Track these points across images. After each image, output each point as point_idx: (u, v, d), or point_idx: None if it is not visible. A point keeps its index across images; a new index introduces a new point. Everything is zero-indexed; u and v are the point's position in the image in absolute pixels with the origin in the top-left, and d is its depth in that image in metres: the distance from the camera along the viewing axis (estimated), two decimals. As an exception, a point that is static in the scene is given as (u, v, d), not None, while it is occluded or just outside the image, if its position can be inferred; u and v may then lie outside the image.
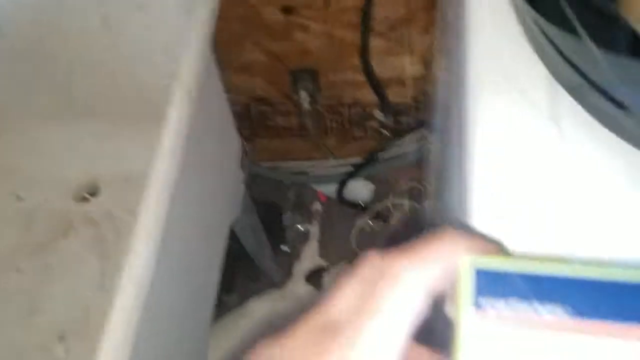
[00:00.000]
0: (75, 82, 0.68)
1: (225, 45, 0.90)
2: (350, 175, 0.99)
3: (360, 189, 1.09)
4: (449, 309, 0.22)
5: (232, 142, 0.76)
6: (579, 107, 0.31)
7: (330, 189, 1.15)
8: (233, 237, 0.88)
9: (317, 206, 1.17)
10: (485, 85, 0.34)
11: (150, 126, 0.74)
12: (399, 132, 0.97)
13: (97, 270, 0.68)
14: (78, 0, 0.60)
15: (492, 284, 0.22)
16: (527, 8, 0.33)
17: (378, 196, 1.13)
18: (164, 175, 0.47)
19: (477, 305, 0.21)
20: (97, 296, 0.70)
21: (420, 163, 1.08)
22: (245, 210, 0.82)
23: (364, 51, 0.59)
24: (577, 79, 0.30)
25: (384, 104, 0.78)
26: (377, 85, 0.73)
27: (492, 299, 0.21)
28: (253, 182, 1.10)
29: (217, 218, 0.75)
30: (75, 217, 0.74)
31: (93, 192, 0.76)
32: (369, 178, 1.08)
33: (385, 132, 0.85)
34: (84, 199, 0.76)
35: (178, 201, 0.50)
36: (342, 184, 1.01)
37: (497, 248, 0.24)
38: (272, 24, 0.87)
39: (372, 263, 0.22)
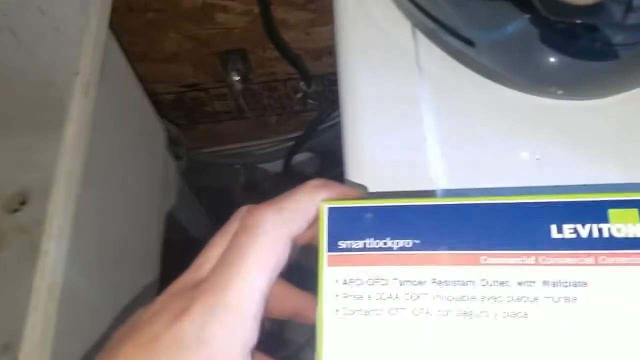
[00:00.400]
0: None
1: (146, 36, 0.88)
2: (293, 150, 0.99)
3: (306, 163, 1.09)
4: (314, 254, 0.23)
5: (156, 132, 0.75)
6: (437, 48, 0.31)
7: (278, 166, 1.15)
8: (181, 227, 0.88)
9: (267, 185, 1.17)
10: (358, 48, 0.34)
11: (51, 128, 0.73)
12: (334, 102, 0.97)
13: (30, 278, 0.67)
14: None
15: (347, 226, 0.22)
16: None
17: (326, 168, 1.13)
18: (69, 170, 0.46)
19: (334, 246, 0.22)
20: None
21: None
22: (184, 198, 0.82)
23: (268, 25, 0.58)
24: (430, 23, 0.30)
25: (304, 75, 0.78)
26: (292, 57, 0.73)
27: (348, 241, 0.22)
28: (199, 169, 1.09)
29: (146, 208, 0.74)
30: (7, 228, 0.73)
31: (23, 201, 0.75)
32: (313, 151, 1.08)
33: (312, 102, 0.84)
34: (15, 210, 0.74)
35: (91, 194, 0.50)
36: (287, 159, 1.01)
37: (362, 193, 0.25)
38: (190, 10, 0.85)
39: (239, 216, 0.23)
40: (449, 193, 0.27)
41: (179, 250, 0.87)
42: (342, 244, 0.22)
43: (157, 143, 0.75)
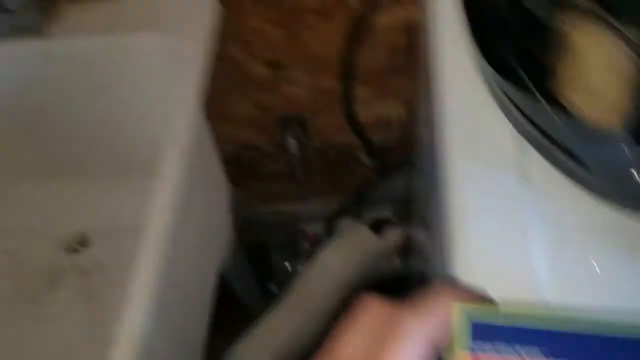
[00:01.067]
0: (63, 140, 0.70)
1: (213, 98, 0.93)
2: (337, 214, 1.01)
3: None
4: (446, 355, 0.25)
5: (222, 190, 0.78)
6: (546, 162, 0.33)
7: (319, 229, 1.17)
8: (221, 279, 0.89)
9: (305, 245, 1.18)
10: (458, 146, 0.36)
11: (137, 180, 0.77)
12: (384, 172, 0.99)
13: (86, 321, 0.69)
14: (68, 66, 0.62)
15: (481, 330, 0.24)
16: (491, 72, 0.35)
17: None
18: (160, 230, 0.49)
19: (470, 349, 0.24)
20: (87, 346, 0.70)
21: (406, 202, 1.11)
22: (234, 253, 0.84)
23: (346, 100, 0.62)
24: (541, 138, 0.32)
25: (369, 148, 0.81)
26: (360, 131, 0.76)
27: (481, 343, 0.24)
28: (242, 225, 1.12)
29: (207, 263, 0.76)
30: (66, 267, 0.75)
31: (83, 243, 0.77)
32: (357, 217, 1.10)
33: (370, 174, 0.87)
34: (74, 250, 0.77)
35: (171, 252, 0.52)
36: (330, 222, 1.03)
37: (483, 297, 0.26)
38: (257, 77, 0.90)
39: (375, 312, 0.24)
40: (571, 311, 0.28)
41: (221, 304, 0.88)
42: (475, 345, 0.23)
43: (222, 200, 0.78)
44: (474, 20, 0.34)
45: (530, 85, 0.31)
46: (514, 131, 0.36)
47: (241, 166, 1.10)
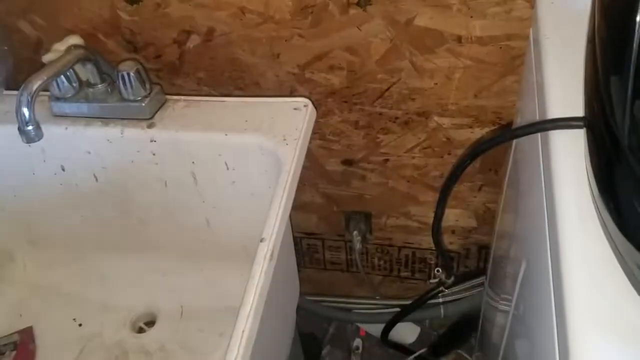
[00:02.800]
0: (151, 223, 0.74)
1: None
2: (398, 318, 0.99)
3: (405, 331, 1.08)
4: None
5: (295, 278, 0.79)
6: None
7: (372, 326, 1.15)
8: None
9: (357, 342, 1.16)
10: (586, 321, 0.33)
11: (211, 264, 0.79)
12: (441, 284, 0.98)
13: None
14: (170, 154, 0.66)
15: None
16: (628, 247, 0.33)
17: (423, 339, 1.12)
18: (247, 335, 0.49)
19: None
20: None
21: (468, 312, 1.08)
22: (293, 342, 0.83)
23: (437, 225, 0.63)
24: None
25: (447, 268, 0.81)
26: (444, 253, 0.76)
27: None
28: (296, 312, 1.11)
29: (278, 352, 0.75)
30: (130, 347, 0.76)
31: (150, 322, 0.79)
32: (415, 320, 1.08)
33: (442, 287, 0.86)
34: (140, 330, 0.78)
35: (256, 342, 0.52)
36: (389, 325, 1.01)
37: None
38: (331, 172, 0.93)
39: None
40: None
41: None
42: None
43: (294, 293, 0.79)
44: (606, 180, 0.34)
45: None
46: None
47: (301, 252, 1.11)
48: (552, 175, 0.39)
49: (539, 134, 0.44)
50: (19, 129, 0.55)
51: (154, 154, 0.65)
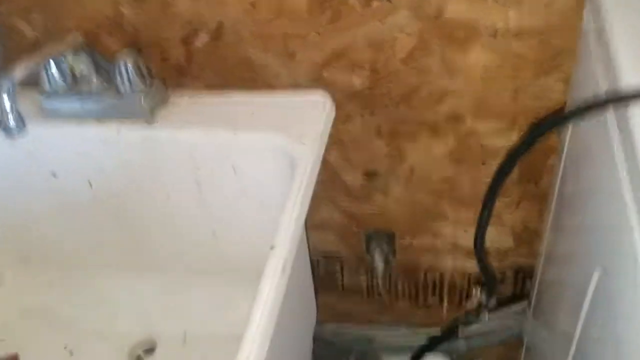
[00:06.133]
0: (152, 236, 0.66)
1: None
2: (426, 349, 0.89)
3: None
4: None
5: (311, 304, 0.70)
6: None
7: (396, 358, 1.04)
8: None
9: (379, 376, 1.06)
10: None
11: (218, 283, 0.70)
12: (479, 307, 0.88)
13: None
14: (170, 155, 0.59)
15: None
16: None
17: (450, 374, 1.01)
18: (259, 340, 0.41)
19: None
20: None
21: (506, 344, 0.97)
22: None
23: (481, 231, 0.54)
24: None
25: (491, 290, 0.71)
26: (488, 268, 0.67)
27: None
28: (314, 341, 1.01)
29: None
30: (126, 378, 0.68)
31: (149, 350, 0.70)
32: (445, 352, 0.97)
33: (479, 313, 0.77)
34: (138, 359, 0.70)
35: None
36: (415, 357, 0.91)
37: None
38: (350, 186, 0.85)
39: None
40: None
41: None
42: None
43: (309, 317, 0.70)
44: None
45: None
46: None
47: (318, 275, 1.03)
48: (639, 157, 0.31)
49: (611, 114, 0.36)
50: (-3, 121, 0.48)
51: (153, 157, 0.58)
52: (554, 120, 0.39)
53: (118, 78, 0.56)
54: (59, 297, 0.73)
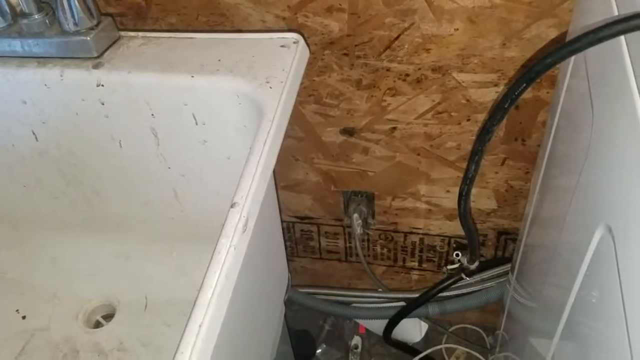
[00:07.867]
0: (108, 195, 0.60)
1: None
2: (402, 314, 0.86)
3: (410, 328, 0.95)
4: None
5: (281, 268, 0.65)
6: None
7: (373, 323, 1.02)
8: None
9: (355, 340, 1.03)
10: None
11: (180, 246, 0.65)
12: (462, 270, 0.85)
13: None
14: (122, 102, 0.52)
15: None
16: None
17: (430, 337, 0.99)
18: (207, 330, 0.36)
19: None
20: None
21: (486, 309, 0.95)
22: (281, 339, 0.70)
23: (466, 188, 0.49)
24: None
25: (473, 253, 0.67)
26: (472, 230, 0.62)
27: None
28: (287, 305, 0.98)
29: (259, 352, 0.62)
30: (82, 344, 0.63)
31: (107, 316, 0.65)
32: (423, 317, 0.95)
33: (463, 275, 0.73)
34: (96, 325, 0.65)
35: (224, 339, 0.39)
36: (392, 322, 0.88)
37: None
38: (328, 144, 0.80)
39: None
40: None
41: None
42: None
43: (280, 281, 0.66)
44: None
45: None
46: None
47: (293, 238, 0.98)
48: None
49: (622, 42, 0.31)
50: None
51: (102, 104, 0.51)
52: (562, 48, 0.33)
53: (61, 14, 0.49)
54: (9, 260, 0.67)
